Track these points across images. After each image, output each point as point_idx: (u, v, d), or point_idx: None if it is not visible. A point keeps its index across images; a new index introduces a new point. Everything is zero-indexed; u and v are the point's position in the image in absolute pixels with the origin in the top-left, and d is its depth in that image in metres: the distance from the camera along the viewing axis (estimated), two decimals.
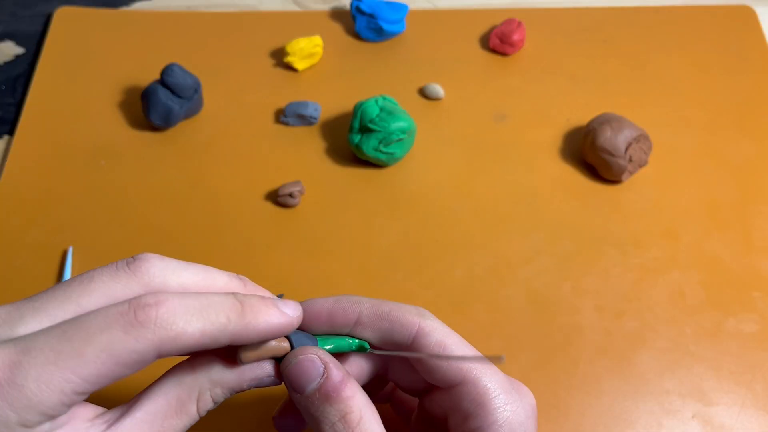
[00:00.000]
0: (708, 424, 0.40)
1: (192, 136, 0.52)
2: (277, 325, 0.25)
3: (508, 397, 0.28)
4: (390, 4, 0.56)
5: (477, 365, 0.28)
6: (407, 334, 0.29)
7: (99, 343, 0.22)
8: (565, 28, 0.58)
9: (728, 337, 0.43)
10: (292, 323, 0.26)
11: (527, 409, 0.28)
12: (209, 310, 0.24)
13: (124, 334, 0.22)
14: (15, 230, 0.47)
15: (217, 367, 0.26)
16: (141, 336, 0.22)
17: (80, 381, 0.22)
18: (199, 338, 0.23)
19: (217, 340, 0.24)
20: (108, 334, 0.22)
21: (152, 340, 0.22)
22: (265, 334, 0.25)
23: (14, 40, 0.58)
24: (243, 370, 0.26)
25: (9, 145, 0.52)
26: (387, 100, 0.49)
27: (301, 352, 0.26)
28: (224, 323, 0.24)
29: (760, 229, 0.47)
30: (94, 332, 0.22)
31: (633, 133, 0.48)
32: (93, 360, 0.22)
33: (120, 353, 0.22)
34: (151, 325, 0.22)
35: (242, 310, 0.24)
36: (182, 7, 0.60)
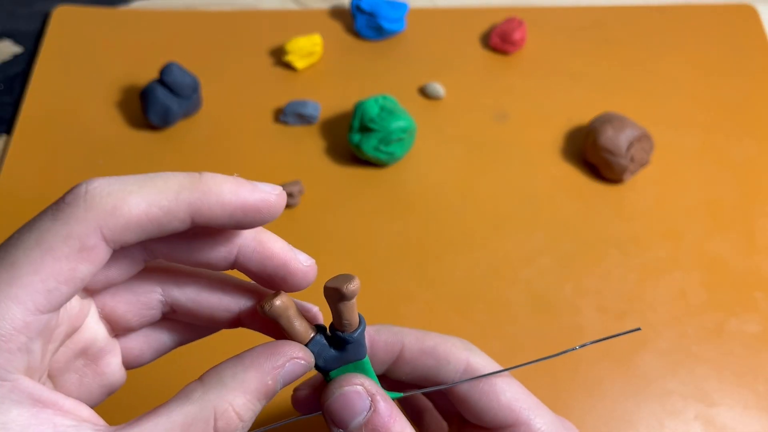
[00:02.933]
0: (710, 425, 0.40)
1: (191, 135, 0.52)
2: (251, 200, 0.21)
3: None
4: (390, 3, 0.56)
5: (528, 405, 0.26)
6: (454, 371, 0.27)
7: (28, 241, 0.19)
8: (567, 27, 0.58)
9: (730, 338, 0.42)
10: (269, 200, 0.22)
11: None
12: (155, 179, 0.20)
13: (53, 221, 0.19)
14: (13, 230, 0.47)
15: (229, 372, 0.21)
16: (71, 215, 0.19)
17: (24, 292, 0.18)
18: (147, 208, 0.20)
19: (172, 213, 0.20)
20: (36, 229, 0.19)
21: (85, 217, 0.19)
22: (234, 207, 0.21)
23: (12, 38, 0.58)
24: (261, 364, 0.21)
25: (7, 144, 0.51)
26: (387, 100, 0.49)
27: (346, 382, 0.23)
28: (176, 190, 0.20)
29: (762, 229, 0.47)
30: (23, 234, 0.19)
31: (634, 132, 0.48)
32: (26, 261, 0.19)
33: (53, 243, 0.19)
34: (81, 201, 0.19)
35: (200, 178, 0.21)
36: (181, 6, 0.60)
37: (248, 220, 0.21)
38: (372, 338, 0.27)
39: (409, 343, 0.27)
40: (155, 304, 0.24)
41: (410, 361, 0.27)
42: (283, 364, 0.22)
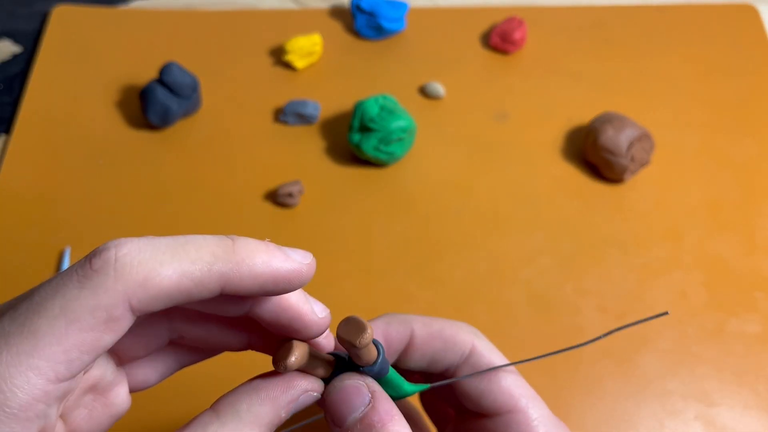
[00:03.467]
0: (710, 425, 0.39)
1: (190, 135, 0.52)
2: (283, 270, 0.20)
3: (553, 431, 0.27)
4: (390, 2, 0.56)
5: (527, 395, 0.27)
6: (460, 353, 0.27)
7: (52, 309, 0.18)
8: (567, 27, 0.58)
9: (731, 338, 0.42)
10: (301, 271, 0.21)
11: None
12: (187, 246, 0.19)
13: (79, 289, 0.18)
14: (12, 230, 0.47)
15: (246, 405, 0.21)
16: (100, 287, 0.18)
17: (45, 363, 0.18)
18: (178, 280, 0.19)
19: (203, 284, 0.19)
20: (61, 296, 0.18)
21: (115, 288, 0.18)
22: (266, 278, 0.20)
23: (12, 38, 0.58)
24: (276, 397, 0.21)
25: (6, 144, 0.51)
26: (387, 99, 0.49)
27: (347, 377, 0.23)
28: (209, 261, 0.19)
29: (763, 229, 0.47)
30: (45, 299, 0.18)
31: (635, 132, 0.48)
32: (49, 331, 0.18)
33: (79, 314, 0.18)
34: (111, 270, 0.18)
35: (233, 246, 0.20)
36: (180, 6, 0.60)
37: (278, 290, 0.21)
38: (384, 331, 0.27)
39: (418, 329, 0.27)
40: (163, 335, 0.24)
41: (419, 347, 0.27)
42: (298, 398, 0.22)
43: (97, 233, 0.47)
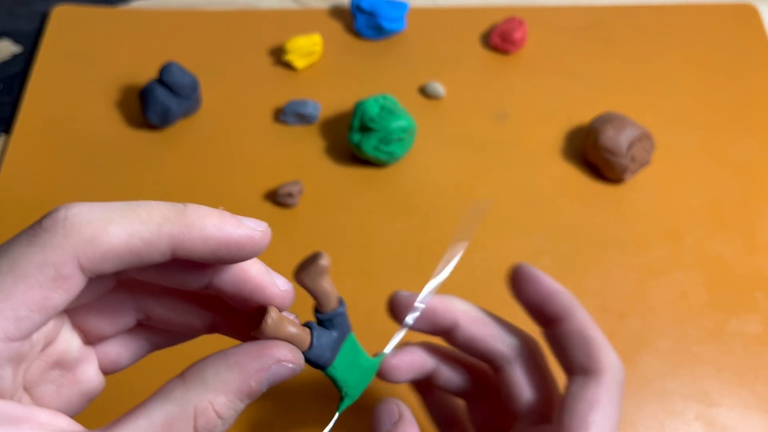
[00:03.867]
0: (711, 426, 0.39)
1: (190, 135, 0.52)
2: (235, 235, 0.20)
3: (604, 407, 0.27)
4: (390, 2, 0.56)
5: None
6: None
7: (0, 267, 0.18)
8: (567, 27, 0.58)
9: (731, 338, 0.42)
10: (253, 236, 0.21)
11: None
12: (137, 209, 0.20)
13: (27, 246, 0.18)
14: (12, 230, 0.47)
15: (212, 371, 0.21)
16: (47, 242, 0.18)
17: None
18: (127, 239, 0.19)
19: (153, 245, 0.19)
20: (10, 253, 0.18)
21: (62, 244, 0.18)
22: (217, 242, 0.20)
23: (11, 38, 0.58)
24: (245, 364, 0.21)
25: (6, 144, 0.51)
26: (387, 99, 0.49)
27: (387, 401, 0.28)
28: (159, 221, 0.19)
29: (763, 229, 0.47)
30: (1, 268, 0.18)
31: (635, 132, 0.48)
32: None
33: (27, 270, 0.18)
34: (59, 227, 0.18)
35: (184, 210, 0.20)
36: (180, 6, 0.60)
37: (231, 256, 0.21)
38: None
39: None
40: (129, 313, 0.24)
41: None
42: (269, 367, 0.21)
43: None
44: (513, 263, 0.31)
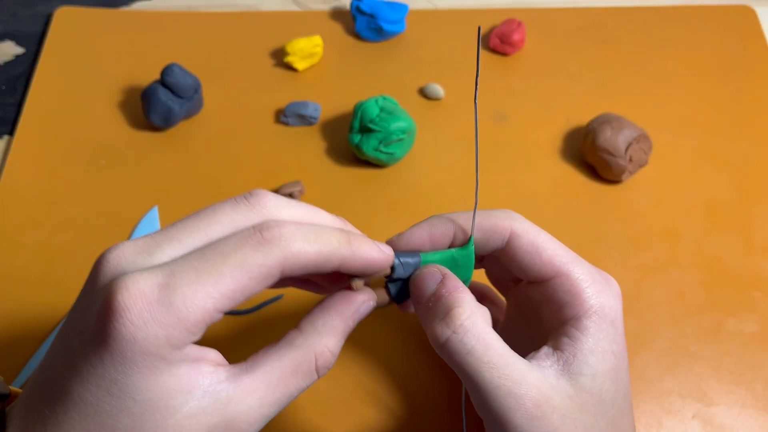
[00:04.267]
0: (708, 424, 0.40)
1: (192, 136, 0.52)
2: (377, 259, 0.28)
3: (598, 286, 0.31)
4: (390, 4, 0.56)
5: (567, 260, 0.31)
6: (500, 239, 0.32)
7: (234, 260, 0.24)
8: (565, 28, 0.58)
9: (728, 337, 0.43)
10: (387, 260, 0.29)
11: (615, 295, 0.31)
12: (323, 233, 0.27)
13: (254, 251, 0.25)
14: (15, 230, 0.47)
15: (321, 321, 0.28)
16: (268, 251, 0.25)
17: (219, 296, 0.24)
18: (316, 257, 0.26)
19: (329, 261, 0.26)
20: (241, 252, 0.25)
21: (278, 255, 0.25)
22: (366, 262, 0.28)
23: (14, 40, 0.58)
24: (342, 311, 0.28)
25: (9, 145, 0.52)
26: (387, 100, 0.49)
27: (424, 268, 0.31)
28: (335, 246, 0.27)
29: (760, 229, 0.47)
30: (229, 252, 0.25)
31: (633, 133, 0.48)
32: (229, 275, 0.24)
33: (251, 268, 0.25)
34: (277, 242, 0.25)
35: (349, 239, 0.27)
36: (182, 7, 0.60)
37: (369, 271, 0.29)
38: (430, 232, 0.32)
39: (458, 228, 0.32)
40: None
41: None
42: (358, 309, 0.29)
43: (99, 233, 0.47)
44: None
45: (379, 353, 0.42)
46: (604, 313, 0.30)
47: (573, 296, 0.30)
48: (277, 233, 0.25)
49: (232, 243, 0.25)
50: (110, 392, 0.23)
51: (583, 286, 0.30)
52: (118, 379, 0.23)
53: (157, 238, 0.26)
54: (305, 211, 0.28)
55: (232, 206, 0.27)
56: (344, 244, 0.27)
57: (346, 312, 0.29)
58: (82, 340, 0.24)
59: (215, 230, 0.26)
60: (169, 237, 0.26)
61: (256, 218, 0.26)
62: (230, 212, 0.26)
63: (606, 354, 0.29)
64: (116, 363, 0.23)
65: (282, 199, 0.28)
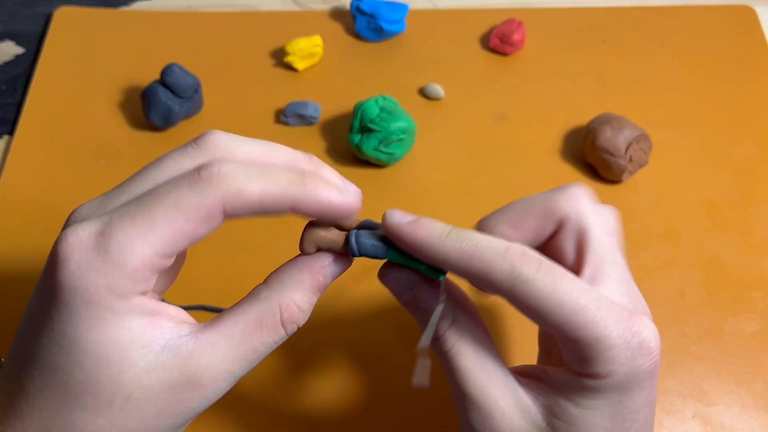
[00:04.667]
0: (708, 424, 0.40)
1: (192, 136, 0.51)
2: (337, 203, 0.25)
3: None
4: (390, 4, 0.56)
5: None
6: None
7: (167, 201, 0.23)
8: (566, 28, 0.58)
9: (729, 337, 0.43)
10: (350, 205, 0.26)
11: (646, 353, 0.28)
12: (270, 173, 0.24)
13: (189, 190, 0.23)
14: (15, 230, 0.47)
15: (287, 274, 0.26)
16: (204, 190, 0.23)
17: (156, 240, 0.23)
18: (261, 196, 0.24)
19: (277, 202, 0.24)
20: (175, 193, 0.23)
21: (215, 194, 0.23)
22: (324, 207, 0.25)
23: (14, 40, 0.58)
24: (311, 265, 0.27)
25: (9, 145, 0.52)
26: (387, 100, 0.49)
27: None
28: (284, 185, 0.24)
29: (760, 229, 0.47)
30: (163, 194, 0.24)
31: (633, 133, 0.48)
32: (163, 217, 0.23)
33: (187, 208, 0.23)
34: (213, 179, 0.23)
35: (303, 180, 0.25)
36: (182, 7, 0.60)
37: (331, 216, 0.26)
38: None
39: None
40: None
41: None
42: (330, 263, 0.27)
43: None
44: None
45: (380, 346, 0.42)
46: (630, 385, 0.26)
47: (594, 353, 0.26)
48: (216, 171, 0.24)
49: (168, 185, 0.24)
50: (61, 345, 0.23)
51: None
52: (66, 332, 0.23)
53: (110, 194, 0.25)
54: (262, 147, 0.26)
55: (180, 151, 0.26)
56: (296, 184, 0.25)
57: (315, 266, 0.27)
58: (38, 298, 0.24)
59: (163, 176, 0.25)
60: (120, 190, 0.25)
61: (204, 159, 0.25)
62: (177, 156, 0.25)
63: None
64: (62, 315, 0.23)
65: (236, 137, 0.26)
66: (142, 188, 0.25)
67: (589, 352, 0.25)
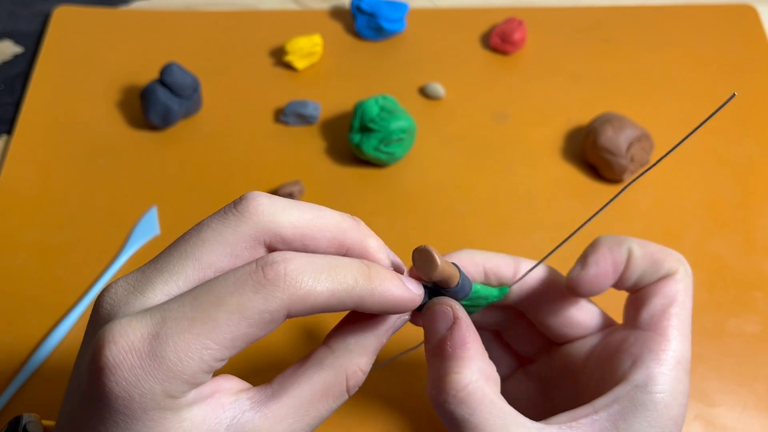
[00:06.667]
0: (710, 425, 0.40)
1: (191, 135, 0.52)
2: (401, 298, 0.25)
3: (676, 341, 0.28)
4: (390, 3, 0.56)
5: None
6: (660, 275, 0.30)
7: (230, 305, 0.22)
8: (566, 27, 0.58)
9: (730, 338, 0.42)
10: (414, 300, 0.25)
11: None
12: (337, 270, 0.23)
13: (254, 293, 0.22)
14: (14, 230, 0.47)
15: (353, 339, 0.25)
16: (270, 295, 0.22)
17: (216, 346, 0.22)
18: (328, 298, 0.23)
19: (343, 302, 0.23)
20: (238, 295, 0.22)
21: (282, 298, 0.22)
22: (388, 302, 0.24)
23: (13, 39, 0.58)
24: (375, 327, 0.26)
25: (8, 144, 0.51)
26: (387, 100, 0.49)
27: (437, 303, 0.27)
28: (352, 285, 0.23)
29: (762, 229, 0.47)
30: (225, 295, 0.22)
31: (634, 132, 0.48)
32: (225, 323, 0.22)
33: (251, 314, 0.22)
34: (281, 283, 0.22)
35: (369, 275, 0.24)
36: (181, 6, 0.60)
37: (392, 312, 0.25)
38: (611, 259, 0.31)
39: (635, 251, 0.32)
40: None
41: (635, 267, 0.32)
42: (394, 324, 0.26)
43: (98, 233, 0.47)
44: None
45: None
46: (681, 366, 0.28)
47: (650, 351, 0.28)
48: (282, 271, 0.22)
49: (230, 283, 0.22)
50: None
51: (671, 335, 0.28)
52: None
53: (147, 271, 0.23)
54: (308, 215, 0.24)
55: (220, 219, 0.24)
56: (363, 282, 0.23)
57: (379, 328, 0.26)
58: (81, 398, 0.22)
59: (202, 252, 0.23)
60: (159, 269, 0.23)
61: (246, 229, 0.23)
62: (217, 226, 0.23)
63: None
64: (117, 422, 0.21)
65: (276, 200, 0.24)
66: (186, 267, 0.23)
67: None
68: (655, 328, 0.28)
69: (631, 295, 0.31)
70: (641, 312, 0.29)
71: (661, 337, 0.28)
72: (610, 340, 0.30)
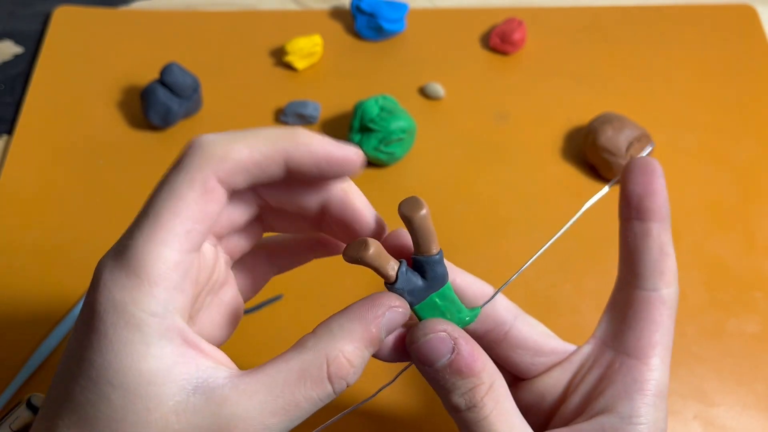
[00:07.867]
0: (709, 425, 0.40)
1: (191, 135, 0.51)
2: (336, 154, 0.24)
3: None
4: (390, 3, 0.56)
5: None
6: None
7: (163, 195, 0.23)
8: (566, 28, 0.58)
9: (730, 338, 0.43)
10: (351, 157, 0.24)
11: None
12: (256, 132, 0.24)
13: (177, 173, 0.23)
14: (14, 230, 0.47)
15: (337, 324, 0.24)
16: (190, 164, 0.23)
17: (169, 235, 0.22)
18: (249, 154, 0.23)
19: (271, 158, 0.23)
20: (168, 184, 0.23)
21: (201, 165, 0.23)
22: (321, 159, 0.24)
23: (13, 39, 0.58)
24: (364, 314, 0.24)
25: (8, 144, 0.51)
26: (387, 100, 0.49)
27: (430, 329, 0.25)
28: (273, 139, 0.23)
29: (762, 229, 0.47)
30: (160, 194, 0.23)
31: (634, 132, 0.48)
32: (165, 211, 0.22)
33: (181, 191, 0.23)
34: (196, 152, 0.23)
35: (293, 132, 0.24)
36: (181, 7, 0.60)
37: (332, 171, 0.24)
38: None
39: None
40: (252, 209, 0.27)
41: None
42: (383, 313, 0.24)
43: (98, 233, 0.47)
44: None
45: None
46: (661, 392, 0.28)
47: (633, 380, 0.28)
48: (195, 144, 0.23)
49: (161, 183, 0.23)
50: (90, 377, 0.21)
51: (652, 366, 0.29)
52: (95, 361, 0.21)
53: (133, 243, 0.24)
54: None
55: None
56: (284, 136, 0.23)
57: (367, 315, 0.24)
58: (73, 332, 0.23)
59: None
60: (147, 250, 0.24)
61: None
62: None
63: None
64: (92, 342, 0.22)
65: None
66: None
67: None
68: (639, 356, 0.29)
69: (615, 309, 0.31)
70: (626, 334, 0.30)
71: (645, 367, 0.29)
72: (593, 366, 0.30)
